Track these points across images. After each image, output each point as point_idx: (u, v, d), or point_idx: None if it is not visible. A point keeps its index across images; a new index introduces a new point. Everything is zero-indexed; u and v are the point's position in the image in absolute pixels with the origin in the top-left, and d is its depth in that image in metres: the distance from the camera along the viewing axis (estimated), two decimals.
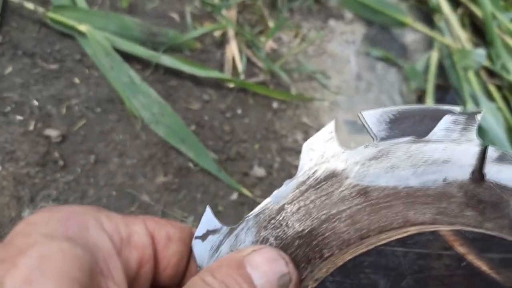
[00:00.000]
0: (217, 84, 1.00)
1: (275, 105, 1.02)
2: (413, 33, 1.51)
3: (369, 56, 1.30)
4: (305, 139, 0.35)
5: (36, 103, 0.81)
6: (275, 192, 0.34)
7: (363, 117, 0.36)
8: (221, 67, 1.04)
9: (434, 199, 0.33)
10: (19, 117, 0.79)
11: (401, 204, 0.33)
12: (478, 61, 1.43)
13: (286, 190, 0.34)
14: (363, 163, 0.34)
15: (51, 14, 0.88)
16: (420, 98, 1.39)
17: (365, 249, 0.30)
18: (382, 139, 0.34)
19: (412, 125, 0.36)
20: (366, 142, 0.35)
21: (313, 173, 0.34)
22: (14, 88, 0.82)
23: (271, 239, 0.33)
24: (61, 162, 0.77)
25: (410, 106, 0.36)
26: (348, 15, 1.36)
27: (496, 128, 1.14)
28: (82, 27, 0.89)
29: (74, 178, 0.77)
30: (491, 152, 0.34)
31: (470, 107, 1.30)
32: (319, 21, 1.28)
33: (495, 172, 0.33)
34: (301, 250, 0.33)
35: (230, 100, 0.98)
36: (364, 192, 0.33)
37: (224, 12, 1.14)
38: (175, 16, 1.08)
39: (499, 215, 0.33)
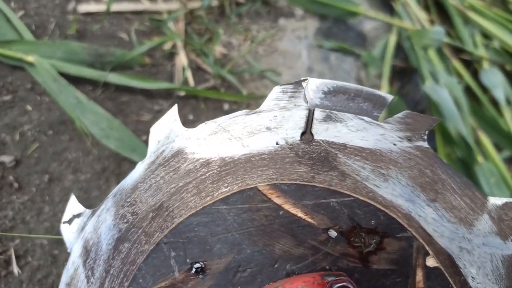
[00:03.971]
0: (168, 94, 1.05)
1: (226, 106, 1.06)
2: (371, 21, 1.54)
3: (322, 48, 1.34)
4: None
5: None
6: (129, 175, 0.38)
7: (307, 82, 0.39)
8: (172, 78, 1.09)
9: (269, 161, 0.37)
10: None
11: (241, 169, 0.37)
12: (437, 38, 1.45)
13: (138, 170, 0.38)
14: (204, 138, 0.38)
15: None
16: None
17: (194, 211, 0.34)
18: (315, 105, 0.37)
19: (345, 100, 0.39)
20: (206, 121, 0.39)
21: (161, 152, 0.38)
22: None
23: (128, 216, 0.37)
24: (15, 185, 0.82)
25: (348, 84, 0.39)
26: (299, 12, 1.40)
27: (448, 100, 1.16)
28: (30, 58, 0.94)
29: (29, 198, 0.82)
30: (318, 114, 0.37)
31: (429, 83, 1.32)
32: (268, 22, 1.32)
33: (323, 131, 0.37)
34: (155, 221, 0.37)
35: (181, 108, 1.02)
36: (206, 163, 0.37)
37: (172, 25, 1.19)
38: (124, 35, 1.13)
39: (328, 168, 0.36)
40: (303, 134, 0.37)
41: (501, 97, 1.31)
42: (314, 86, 0.37)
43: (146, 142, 0.93)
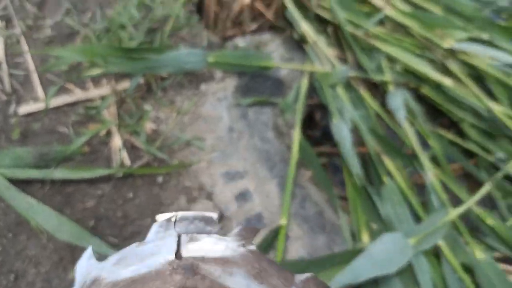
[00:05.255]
0: (108, 178, 1.22)
1: (159, 179, 1.24)
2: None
3: (241, 106, 1.53)
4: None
5: None
6: None
7: (176, 216, 0.56)
8: (110, 161, 1.26)
9: (155, 275, 0.55)
10: None
11: (139, 284, 0.55)
12: (343, 76, 1.66)
13: None
14: (111, 266, 0.56)
15: None
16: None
17: None
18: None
19: (188, 224, 0.56)
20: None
21: (84, 283, 0.55)
22: None
23: None
24: None
25: (188, 212, 0.56)
26: (218, 74, 1.59)
27: (346, 139, 1.38)
28: None
29: None
30: (184, 238, 0.56)
31: (336, 120, 1.53)
32: (191, 90, 1.51)
33: (190, 249, 0.56)
34: None
35: (121, 188, 1.19)
36: (113, 285, 0.55)
37: (105, 111, 1.36)
38: (63, 129, 1.29)
39: (193, 274, 0.55)
40: (176, 253, 0.55)
41: (401, 119, 1.52)
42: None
43: (93, 229, 1.10)
